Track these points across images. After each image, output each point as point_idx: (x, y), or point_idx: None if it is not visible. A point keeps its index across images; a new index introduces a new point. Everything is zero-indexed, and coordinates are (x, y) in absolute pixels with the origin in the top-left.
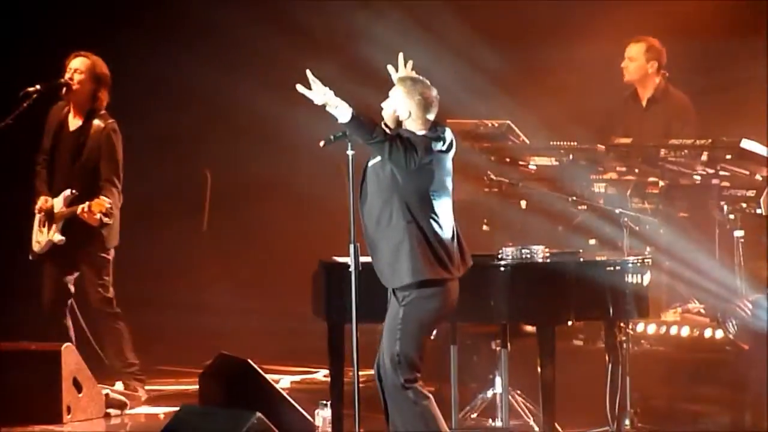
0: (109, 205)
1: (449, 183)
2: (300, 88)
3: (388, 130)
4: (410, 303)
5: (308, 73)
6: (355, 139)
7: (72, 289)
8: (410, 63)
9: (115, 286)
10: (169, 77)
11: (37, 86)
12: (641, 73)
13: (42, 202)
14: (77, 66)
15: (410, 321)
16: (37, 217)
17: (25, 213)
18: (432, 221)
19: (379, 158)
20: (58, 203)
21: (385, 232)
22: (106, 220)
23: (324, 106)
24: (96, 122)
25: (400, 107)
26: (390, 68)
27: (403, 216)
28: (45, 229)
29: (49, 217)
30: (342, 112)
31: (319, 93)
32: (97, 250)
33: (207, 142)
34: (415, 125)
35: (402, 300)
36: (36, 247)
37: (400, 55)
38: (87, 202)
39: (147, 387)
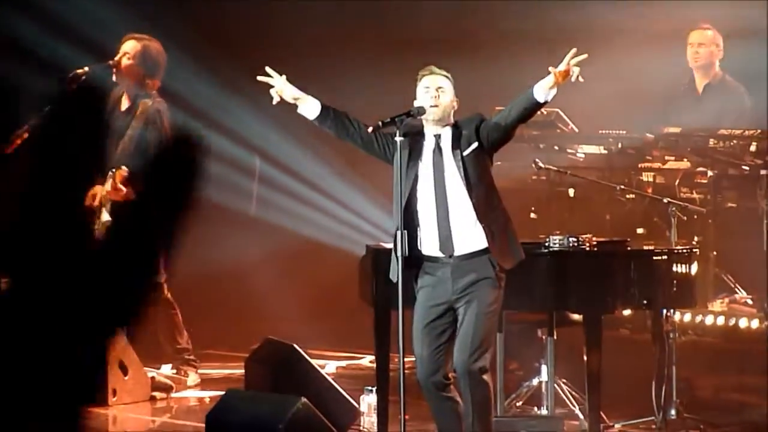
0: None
1: None
2: None
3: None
4: (501, 286)
5: None
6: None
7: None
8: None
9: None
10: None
11: (86, 68)
12: (711, 59)
13: (89, 198)
14: (126, 50)
15: (499, 304)
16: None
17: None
18: None
19: (475, 145)
20: (105, 186)
21: (492, 216)
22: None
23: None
24: (143, 101)
25: (453, 98)
26: (268, 78)
27: (499, 199)
28: (99, 216)
29: (100, 203)
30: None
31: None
32: None
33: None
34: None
35: (499, 282)
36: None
37: (268, 68)
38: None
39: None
